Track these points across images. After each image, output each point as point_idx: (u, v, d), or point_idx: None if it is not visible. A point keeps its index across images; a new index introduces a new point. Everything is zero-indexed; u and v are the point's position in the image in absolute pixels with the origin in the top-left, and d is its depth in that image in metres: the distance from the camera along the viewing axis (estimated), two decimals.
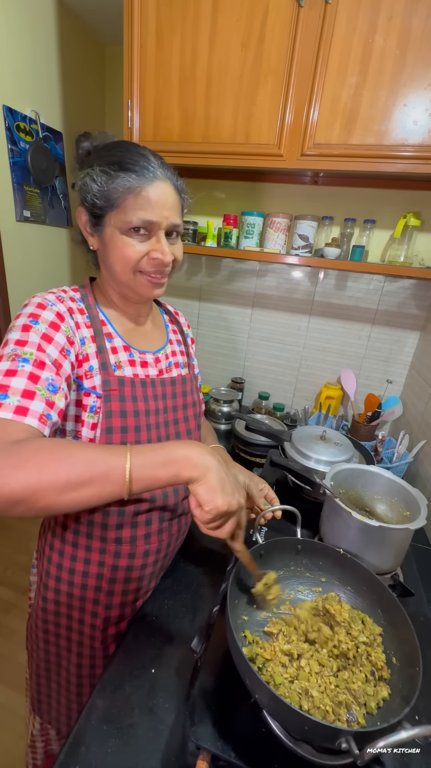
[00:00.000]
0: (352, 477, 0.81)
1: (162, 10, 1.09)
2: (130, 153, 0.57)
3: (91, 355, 0.59)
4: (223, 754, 0.45)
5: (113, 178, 0.55)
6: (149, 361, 0.68)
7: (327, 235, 1.34)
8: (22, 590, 1.69)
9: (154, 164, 0.57)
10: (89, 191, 0.57)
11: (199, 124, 1.14)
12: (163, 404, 0.68)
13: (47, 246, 2.02)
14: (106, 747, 0.50)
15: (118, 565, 0.66)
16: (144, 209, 0.56)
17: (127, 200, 0.55)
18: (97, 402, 0.59)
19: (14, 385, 0.48)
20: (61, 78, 1.92)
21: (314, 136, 1.05)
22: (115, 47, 2.17)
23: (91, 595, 0.67)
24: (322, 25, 0.96)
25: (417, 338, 1.40)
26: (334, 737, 0.38)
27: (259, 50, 1.03)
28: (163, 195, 0.57)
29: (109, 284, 0.65)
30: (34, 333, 0.53)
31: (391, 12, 0.91)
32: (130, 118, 1.20)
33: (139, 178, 0.55)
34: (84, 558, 0.66)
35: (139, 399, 0.63)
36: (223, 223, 1.36)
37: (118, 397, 0.61)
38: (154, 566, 0.70)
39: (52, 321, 0.55)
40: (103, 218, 0.58)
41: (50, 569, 0.68)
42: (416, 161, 0.99)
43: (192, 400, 0.74)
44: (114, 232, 0.58)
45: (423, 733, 0.35)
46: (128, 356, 0.65)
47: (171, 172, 0.60)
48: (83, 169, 0.60)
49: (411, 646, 0.48)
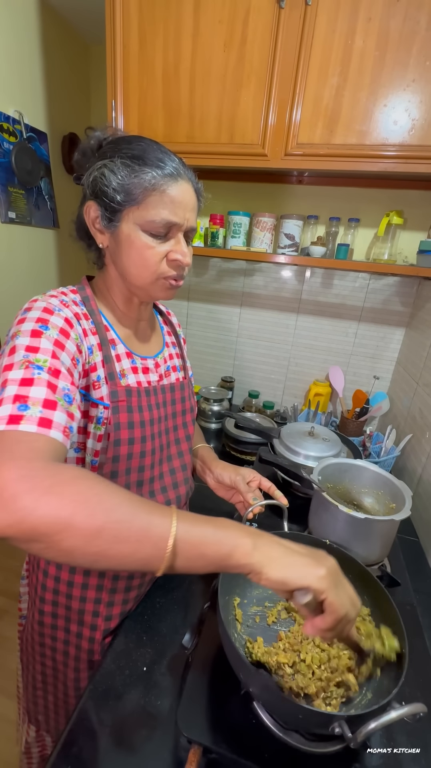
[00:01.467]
0: (340, 471, 0.82)
1: (144, 11, 1.09)
2: (152, 149, 0.54)
3: (98, 365, 0.56)
4: (214, 746, 0.45)
5: (136, 173, 0.52)
6: (150, 366, 0.66)
7: (312, 234, 1.35)
8: (12, 596, 1.67)
9: (177, 163, 0.55)
10: (107, 184, 0.53)
11: (183, 124, 1.15)
12: (164, 412, 0.67)
13: (34, 247, 2.00)
14: (98, 746, 0.50)
15: (120, 575, 0.64)
16: (168, 209, 0.53)
17: (150, 197, 0.53)
18: (104, 413, 0.56)
19: (34, 395, 0.43)
20: (44, 78, 1.91)
21: (297, 136, 1.06)
22: (99, 47, 2.16)
23: (90, 607, 0.64)
24: (303, 27, 0.98)
25: (402, 334, 1.42)
26: (328, 723, 0.39)
27: (242, 51, 1.04)
28: (185, 196, 0.55)
29: (115, 284, 0.61)
30: (46, 339, 0.48)
31: (370, 14, 0.93)
32: (114, 118, 1.20)
33: (164, 175, 0.53)
34: (83, 570, 0.63)
35: (144, 408, 0.62)
36: (210, 223, 1.37)
37: (126, 408, 0.58)
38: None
39: (62, 327, 0.51)
40: (119, 213, 0.54)
41: (46, 582, 0.66)
42: (397, 161, 1.01)
43: (190, 405, 0.74)
44: (132, 229, 0.54)
45: (411, 711, 0.36)
46: (131, 363, 0.63)
47: (192, 173, 0.58)
48: (94, 161, 0.56)
49: (398, 630, 0.49)
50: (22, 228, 1.90)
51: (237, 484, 0.70)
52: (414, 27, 0.91)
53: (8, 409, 0.41)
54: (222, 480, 0.72)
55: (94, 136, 0.59)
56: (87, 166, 0.58)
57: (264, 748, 0.46)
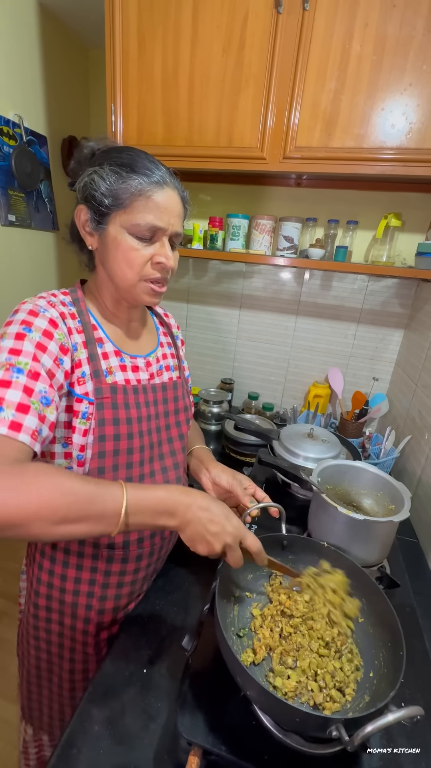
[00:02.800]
0: (339, 473, 0.83)
1: (143, 16, 1.10)
2: (140, 158, 0.58)
3: (83, 361, 0.59)
4: (214, 748, 0.45)
5: (124, 179, 0.55)
6: (140, 365, 0.68)
7: (311, 236, 1.36)
8: (12, 598, 1.67)
9: (164, 171, 0.59)
10: (96, 189, 0.56)
11: (182, 128, 1.16)
12: (154, 410, 0.68)
13: (34, 250, 2.01)
14: (98, 748, 0.50)
15: (111, 570, 0.65)
16: (153, 213, 0.56)
17: (136, 201, 0.56)
18: (89, 408, 0.58)
19: (9, 398, 0.47)
20: (44, 82, 1.92)
21: (296, 140, 1.07)
22: (98, 51, 2.17)
23: (83, 601, 0.66)
24: (301, 32, 0.98)
25: (401, 336, 1.43)
26: (324, 726, 0.39)
27: (240, 55, 1.05)
28: (171, 202, 0.58)
29: (104, 285, 0.64)
30: (29, 342, 0.52)
31: (367, 19, 0.94)
32: (113, 122, 1.21)
33: (150, 182, 0.56)
34: (76, 564, 0.65)
35: (131, 406, 0.63)
36: (209, 226, 1.38)
37: (110, 404, 0.60)
38: (146, 570, 0.70)
39: (45, 329, 0.54)
40: (107, 216, 0.58)
41: (41, 576, 0.67)
42: (395, 164, 1.02)
43: (183, 404, 0.74)
44: (119, 231, 0.57)
45: (408, 714, 0.37)
46: (119, 361, 0.65)
47: (178, 182, 0.61)
48: (86, 168, 0.59)
49: (395, 632, 0.49)
50: (22, 231, 1.90)
51: (235, 488, 0.70)
52: (411, 32, 0.92)
53: None
54: (220, 482, 0.72)
55: (87, 145, 0.62)
56: (80, 173, 0.60)
57: (263, 750, 0.47)
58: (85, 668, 0.71)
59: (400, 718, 0.36)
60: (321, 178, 1.30)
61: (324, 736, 0.41)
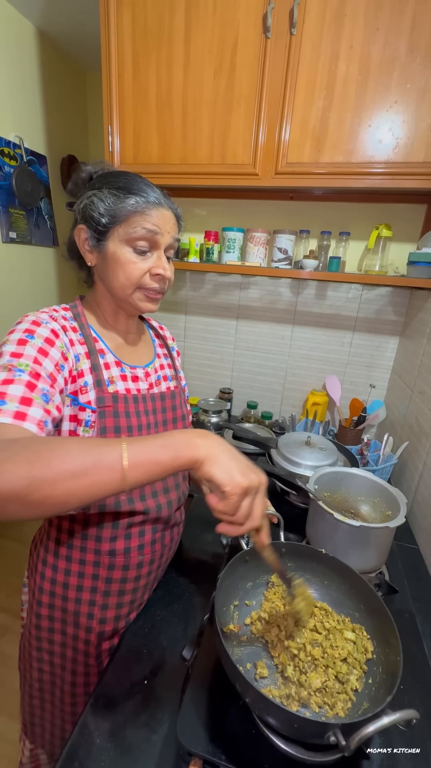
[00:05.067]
0: (336, 480, 0.84)
1: (137, 41, 1.15)
2: (136, 181, 0.62)
3: (85, 371, 0.61)
4: (213, 757, 0.46)
5: (121, 200, 0.59)
6: (140, 375, 0.70)
7: (305, 248, 1.39)
8: (15, 614, 1.65)
9: (158, 193, 0.63)
10: (95, 209, 0.60)
11: (177, 147, 1.19)
12: (153, 419, 0.70)
13: (34, 266, 2.05)
14: (99, 761, 0.51)
15: (112, 577, 0.66)
16: (149, 224, 0.60)
17: (132, 216, 0.60)
18: (92, 417, 0.61)
19: (11, 392, 0.49)
20: (43, 104, 1.98)
21: (287, 156, 1.10)
22: (95, 73, 2.24)
23: (85, 609, 0.67)
24: (289, 54, 1.03)
25: (396, 343, 1.45)
26: (322, 732, 0.40)
27: (231, 78, 1.09)
28: (165, 218, 0.62)
29: (104, 299, 0.68)
30: (30, 347, 0.54)
31: (351, 42, 0.98)
32: (110, 142, 1.25)
33: (146, 201, 0.60)
34: (78, 572, 0.66)
35: (132, 414, 0.65)
36: (205, 239, 1.41)
37: (112, 413, 0.62)
38: (147, 578, 0.71)
39: (47, 337, 0.57)
40: (106, 233, 0.61)
41: (43, 585, 0.68)
42: (383, 177, 1.05)
43: (181, 413, 0.76)
44: (118, 246, 0.61)
45: (403, 717, 0.37)
46: (120, 371, 0.67)
47: (171, 202, 0.65)
48: (85, 190, 0.63)
49: (392, 638, 0.49)
50: (22, 247, 1.95)
51: None
52: (394, 53, 0.95)
53: None
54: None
55: (85, 169, 0.66)
56: (78, 195, 0.64)
57: (263, 759, 0.47)
58: (86, 681, 0.71)
59: (395, 721, 0.37)
60: (313, 191, 1.33)
61: (323, 742, 0.41)
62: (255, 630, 0.60)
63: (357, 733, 0.37)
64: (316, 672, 0.53)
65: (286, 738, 0.46)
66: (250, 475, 0.45)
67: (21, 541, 2.05)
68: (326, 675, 0.53)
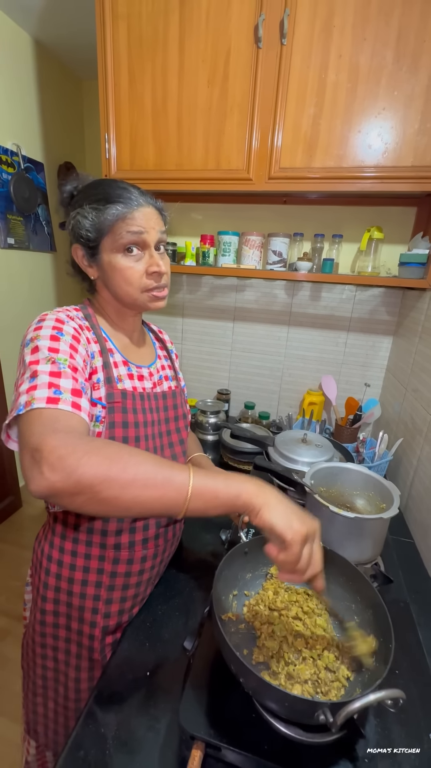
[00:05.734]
0: (331, 475, 0.85)
1: (133, 51, 1.18)
2: (112, 188, 0.64)
3: (98, 368, 0.64)
4: (215, 740, 0.47)
5: (102, 212, 0.62)
6: (144, 374, 0.73)
7: (299, 250, 1.42)
8: (15, 617, 1.66)
9: (135, 194, 0.64)
10: (82, 227, 0.63)
11: (172, 154, 1.22)
12: (156, 416, 0.72)
13: (32, 271, 2.07)
14: (104, 750, 0.52)
15: (117, 571, 0.68)
16: (133, 227, 0.62)
17: (116, 224, 0.62)
18: (102, 412, 0.63)
19: (63, 385, 0.53)
20: (40, 112, 2.01)
21: (279, 161, 1.13)
22: (92, 82, 2.28)
23: (89, 604, 0.68)
24: (280, 64, 1.06)
25: (390, 342, 1.47)
26: (312, 710, 0.41)
27: (224, 86, 1.12)
28: (147, 215, 0.64)
29: (108, 304, 0.70)
30: (63, 342, 0.57)
31: (340, 51, 1.01)
32: (107, 149, 1.28)
33: (125, 206, 0.62)
34: (83, 566, 0.67)
35: (138, 411, 0.68)
36: (201, 243, 1.43)
37: (120, 409, 0.65)
38: (150, 572, 0.72)
39: (74, 335, 0.60)
40: (97, 247, 0.64)
41: (48, 580, 0.69)
42: (373, 181, 1.08)
43: (182, 412, 0.79)
44: (110, 256, 0.64)
45: (389, 696, 0.39)
46: (127, 370, 0.70)
47: (150, 197, 0.67)
48: (70, 210, 0.66)
49: (385, 625, 0.51)
50: (20, 253, 1.97)
51: None
52: (382, 62, 0.99)
53: (46, 393, 0.51)
54: None
55: (66, 189, 0.68)
56: (66, 215, 0.67)
57: (263, 741, 0.48)
58: (90, 676, 0.72)
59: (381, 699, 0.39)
60: (306, 195, 1.37)
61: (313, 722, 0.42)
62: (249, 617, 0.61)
63: (343, 709, 0.39)
64: (305, 664, 0.54)
65: (285, 721, 0.48)
66: (308, 521, 0.46)
67: (20, 545, 2.05)
68: (315, 667, 0.54)
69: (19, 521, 2.22)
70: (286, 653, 0.55)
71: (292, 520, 0.44)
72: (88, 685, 0.73)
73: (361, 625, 0.58)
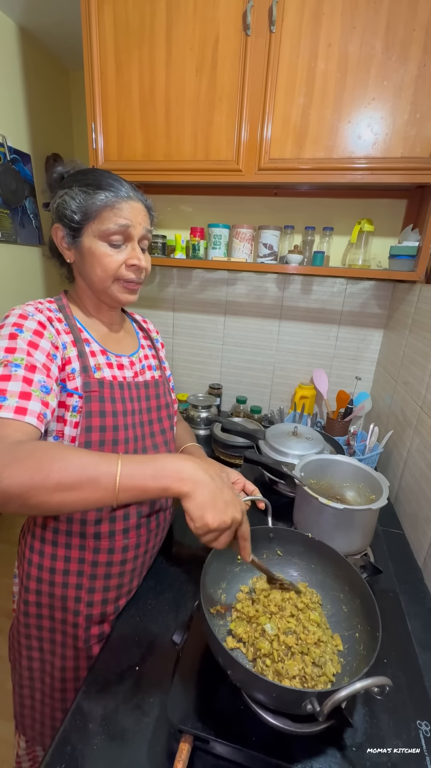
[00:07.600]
0: (321, 467, 0.85)
1: (119, 39, 1.15)
2: (104, 177, 0.64)
3: (72, 359, 0.63)
4: (203, 733, 0.47)
5: (91, 196, 0.62)
6: (125, 363, 0.73)
7: (289, 243, 1.41)
8: (7, 615, 1.64)
9: (126, 187, 0.65)
10: (67, 208, 0.62)
11: (161, 144, 1.20)
12: (138, 405, 0.71)
13: (20, 264, 2.03)
14: (92, 744, 0.51)
15: (98, 560, 0.68)
16: (120, 218, 0.62)
17: (104, 212, 0.62)
18: (79, 402, 0.62)
19: (11, 389, 0.52)
20: (26, 102, 1.97)
21: (269, 152, 1.12)
22: (79, 72, 2.23)
23: (72, 593, 0.68)
24: (269, 52, 1.04)
25: (381, 336, 1.48)
26: (300, 700, 0.41)
27: (212, 75, 1.10)
28: (135, 210, 0.64)
29: (84, 293, 0.70)
30: (21, 340, 0.56)
31: (330, 40, 1.00)
32: (94, 139, 1.25)
33: (115, 196, 0.62)
34: (64, 556, 0.67)
35: (117, 400, 0.67)
36: (191, 236, 1.42)
37: (98, 398, 0.64)
38: (134, 562, 0.72)
39: (36, 329, 0.59)
40: (80, 230, 0.63)
41: (30, 571, 0.69)
42: (363, 172, 1.07)
43: (165, 401, 0.78)
44: (92, 241, 0.63)
45: (375, 683, 0.39)
46: (106, 359, 0.69)
47: (141, 194, 0.67)
48: (57, 190, 0.65)
49: (373, 615, 0.51)
50: (8, 246, 1.93)
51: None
52: (371, 51, 0.98)
53: None
54: None
55: (57, 170, 0.68)
56: (52, 195, 0.67)
57: (251, 732, 0.48)
58: (76, 665, 0.72)
59: (368, 686, 0.39)
60: (296, 187, 1.36)
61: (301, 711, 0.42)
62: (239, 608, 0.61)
63: (329, 698, 0.39)
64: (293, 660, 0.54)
65: (273, 712, 0.48)
66: (226, 513, 0.47)
67: (11, 542, 2.03)
68: (303, 662, 0.54)
69: (11, 518, 2.20)
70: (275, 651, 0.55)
71: (206, 512, 0.46)
72: (73, 675, 0.73)
73: (349, 614, 0.58)
